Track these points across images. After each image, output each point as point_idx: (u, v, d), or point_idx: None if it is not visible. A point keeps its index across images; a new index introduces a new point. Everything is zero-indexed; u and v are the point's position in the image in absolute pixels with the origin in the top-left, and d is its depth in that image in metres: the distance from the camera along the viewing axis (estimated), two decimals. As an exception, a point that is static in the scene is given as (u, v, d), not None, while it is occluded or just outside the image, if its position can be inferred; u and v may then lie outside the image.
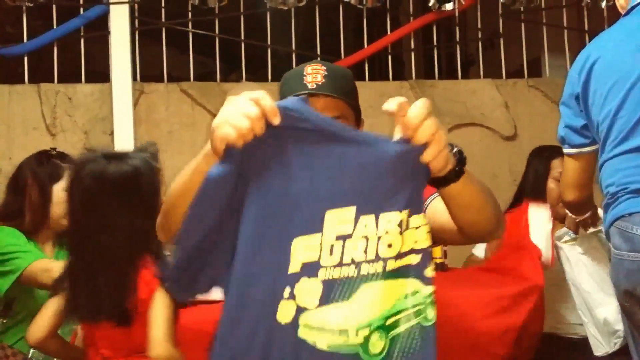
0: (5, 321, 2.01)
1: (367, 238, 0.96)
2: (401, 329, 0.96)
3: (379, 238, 0.96)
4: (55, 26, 3.36)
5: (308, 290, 0.95)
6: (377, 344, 0.95)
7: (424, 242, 0.98)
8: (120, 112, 3.22)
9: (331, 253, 0.96)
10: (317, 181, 0.97)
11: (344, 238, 0.96)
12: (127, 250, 1.48)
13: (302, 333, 0.95)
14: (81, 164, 1.51)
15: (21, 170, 2.16)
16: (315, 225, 0.96)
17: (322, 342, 0.95)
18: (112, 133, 3.25)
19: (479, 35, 4.00)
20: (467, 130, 3.60)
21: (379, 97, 3.58)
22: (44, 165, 2.17)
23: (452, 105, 3.62)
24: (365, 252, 0.96)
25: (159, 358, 1.43)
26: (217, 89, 3.45)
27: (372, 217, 0.96)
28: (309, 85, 1.41)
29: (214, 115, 3.48)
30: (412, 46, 3.95)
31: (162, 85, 3.43)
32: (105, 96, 3.29)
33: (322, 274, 0.96)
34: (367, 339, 0.95)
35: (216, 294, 1.14)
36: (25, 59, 3.34)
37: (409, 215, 0.97)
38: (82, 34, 3.41)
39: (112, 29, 3.27)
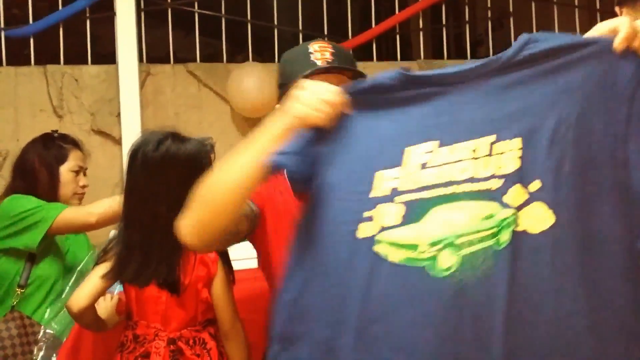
0: (23, 291, 2.06)
1: (444, 165, 1.05)
2: (473, 249, 1.00)
3: (453, 164, 1.04)
4: (60, 7, 3.35)
5: (387, 212, 1.07)
6: (447, 259, 1.01)
7: (508, 167, 1.00)
8: (126, 94, 3.21)
9: (408, 180, 1.07)
10: (401, 124, 1.12)
11: (422, 166, 1.07)
12: (170, 221, 1.54)
13: (377, 248, 1.06)
14: (146, 140, 1.60)
15: (27, 154, 2.20)
16: (395, 160, 1.09)
17: (395, 256, 1.05)
18: (118, 114, 3.24)
19: (489, 15, 3.95)
20: (476, 111, 3.58)
21: (387, 77, 3.56)
22: (49, 148, 2.21)
23: (461, 86, 3.59)
24: (439, 177, 1.05)
25: (232, 336, 1.60)
26: (223, 70, 3.43)
27: (447, 147, 1.06)
28: (319, 63, 1.40)
29: (221, 97, 3.47)
30: (421, 26, 3.91)
31: (168, 66, 3.42)
32: (112, 78, 3.28)
33: (401, 198, 1.06)
34: (436, 255, 1.02)
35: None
36: (32, 40, 3.33)
37: (494, 142, 1.03)
38: (87, 15, 3.40)
39: (117, 10, 3.26)
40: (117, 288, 1.91)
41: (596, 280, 0.98)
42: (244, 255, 1.89)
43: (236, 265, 1.88)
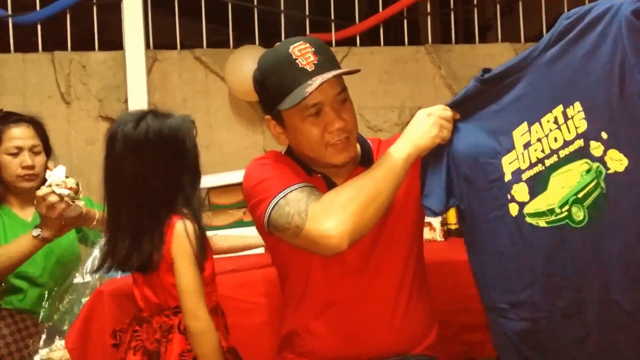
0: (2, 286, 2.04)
1: (539, 139, 1.30)
2: (590, 199, 1.24)
3: (546, 136, 1.29)
4: (67, -7, 3.35)
5: (520, 190, 1.34)
6: (578, 213, 1.26)
7: (581, 127, 1.23)
8: (134, 80, 3.21)
9: (524, 160, 1.33)
10: (499, 114, 1.39)
11: (526, 146, 1.33)
12: (158, 200, 1.52)
13: (528, 219, 1.34)
14: (123, 121, 1.57)
15: None
16: (510, 145, 1.36)
17: (542, 221, 1.32)
18: (126, 101, 3.25)
19: (497, -1, 3.93)
20: (484, 96, 3.56)
21: (394, 62, 3.54)
22: None
23: (469, 70, 3.56)
24: (543, 151, 1.30)
25: (189, 328, 1.48)
26: (230, 55, 3.42)
27: (537, 124, 1.31)
28: (308, 68, 1.39)
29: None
30: (429, 10, 3.88)
31: (175, 52, 3.42)
32: (119, 64, 3.29)
33: (524, 176, 1.33)
34: (569, 211, 1.27)
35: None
36: (39, 27, 3.33)
37: (563, 110, 1.26)
38: (94, 1, 3.40)
39: (124, -5, 3.25)
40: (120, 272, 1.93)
41: None
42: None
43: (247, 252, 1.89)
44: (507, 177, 1.37)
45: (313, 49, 1.42)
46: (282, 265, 1.55)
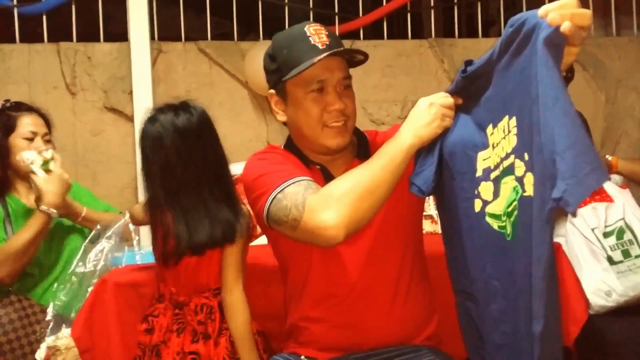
0: None
1: (494, 145, 1.29)
2: (514, 215, 1.23)
3: (500, 142, 1.26)
4: (73, -15, 3.36)
5: (487, 189, 1.33)
6: (509, 227, 1.26)
7: (512, 144, 1.21)
8: (138, 71, 3.23)
9: (493, 159, 1.30)
10: (480, 110, 1.36)
11: (493, 146, 1.30)
12: (199, 184, 1.60)
13: (487, 218, 1.32)
14: (153, 117, 1.63)
15: None
16: (486, 142, 1.32)
17: (495, 224, 1.31)
18: (131, 92, 3.27)
19: (501, -6, 3.93)
20: (487, 91, 3.56)
21: (397, 56, 3.55)
22: None
23: (472, 65, 3.57)
24: (498, 155, 1.27)
25: (224, 301, 1.60)
26: (234, 48, 3.44)
27: (495, 128, 1.28)
28: (320, 46, 1.42)
29: (232, 75, 3.48)
30: (432, 4, 3.89)
31: (179, 44, 3.43)
32: (124, 55, 3.30)
33: (492, 175, 1.30)
34: (505, 222, 1.27)
35: None
36: (44, 18, 3.35)
37: (508, 120, 1.22)
38: (99, -8, 3.41)
39: (129, -13, 3.26)
40: (124, 261, 1.96)
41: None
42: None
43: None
44: (478, 172, 1.35)
45: (327, 32, 1.46)
46: (283, 258, 1.57)
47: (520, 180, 1.18)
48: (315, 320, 1.50)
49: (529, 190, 1.15)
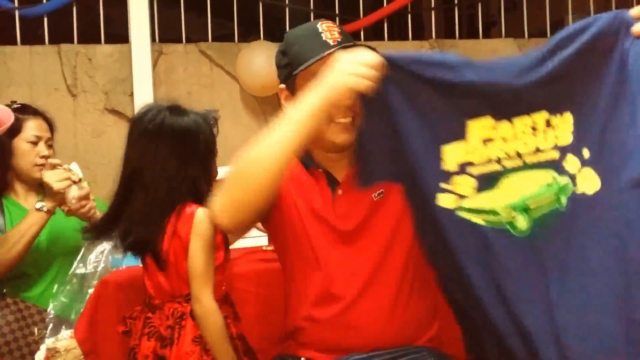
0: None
1: (504, 139, 1.19)
2: (541, 212, 1.18)
3: (515, 137, 1.18)
4: (73, -14, 3.36)
5: (464, 183, 1.22)
6: (522, 222, 1.18)
7: (564, 139, 1.16)
8: (139, 73, 3.23)
9: (480, 155, 1.20)
10: (456, 100, 1.21)
11: (486, 141, 1.19)
12: (166, 192, 1.57)
13: (461, 213, 1.22)
14: (144, 112, 1.62)
15: None
16: (459, 133, 1.21)
17: (479, 219, 1.21)
18: (132, 94, 3.27)
19: (501, -5, 3.93)
20: (487, 92, 3.56)
21: (398, 57, 3.55)
22: None
23: (473, 66, 3.58)
24: (505, 151, 1.19)
25: (194, 311, 1.54)
26: (235, 49, 3.44)
27: (505, 122, 1.19)
28: (331, 42, 1.41)
29: (233, 77, 3.46)
30: (433, 5, 3.89)
31: (180, 46, 3.43)
32: (125, 57, 3.30)
33: (474, 170, 1.21)
34: (513, 218, 1.19)
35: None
36: (45, 19, 3.35)
37: (548, 117, 1.17)
38: (100, -6, 3.42)
39: (130, -11, 3.27)
40: (124, 263, 1.96)
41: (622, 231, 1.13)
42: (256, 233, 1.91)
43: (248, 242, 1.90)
44: (448, 166, 1.23)
45: (339, 30, 1.46)
46: (284, 256, 1.57)
47: (572, 177, 1.15)
48: (315, 320, 1.50)
49: (584, 188, 1.14)
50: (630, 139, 1.10)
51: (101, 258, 1.99)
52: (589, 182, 1.13)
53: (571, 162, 1.15)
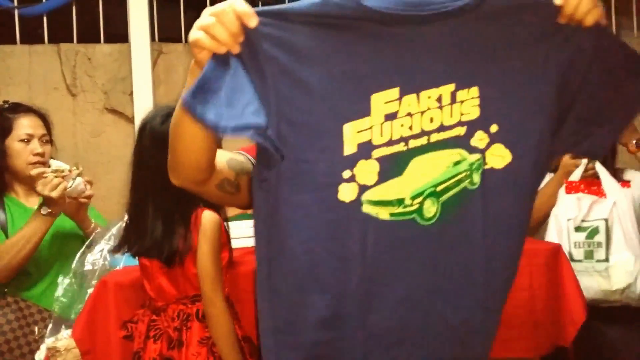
0: None
1: (411, 115, 1.04)
2: (450, 193, 1.07)
3: (421, 113, 1.04)
4: (73, -15, 3.36)
5: (366, 169, 1.04)
6: (430, 208, 1.07)
7: (471, 114, 1.06)
8: (139, 73, 3.23)
9: (381, 133, 1.03)
10: (357, 67, 1.01)
11: (391, 118, 1.03)
12: (178, 197, 1.56)
13: (366, 208, 1.05)
14: (154, 115, 1.63)
15: None
16: (363, 110, 1.02)
17: (384, 213, 1.06)
18: (131, 93, 3.27)
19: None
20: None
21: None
22: None
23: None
24: (411, 128, 1.04)
25: (206, 313, 1.55)
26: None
27: (413, 95, 1.03)
28: None
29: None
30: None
31: (180, 45, 3.43)
32: (124, 56, 3.30)
33: (376, 153, 1.04)
34: (421, 205, 1.06)
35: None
36: (45, 18, 3.35)
37: (454, 90, 1.05)
38: (100, -7, 3.42)
39: (129, -12, 3.27)
40: (122, 262, 1.96)
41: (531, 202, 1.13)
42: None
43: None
44: (350, 149, 1.03)
45: None
46: None
47: (482, 152, 1.07)
48: None
49: (493, 163, 1.07)
50: (539, 116, 1.07)
51: (100, 257, 2.00)
52: (499, 157, 1.08)
53: (480, 138, 1.07)
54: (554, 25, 1.05)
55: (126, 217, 1.69)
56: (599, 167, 2.21)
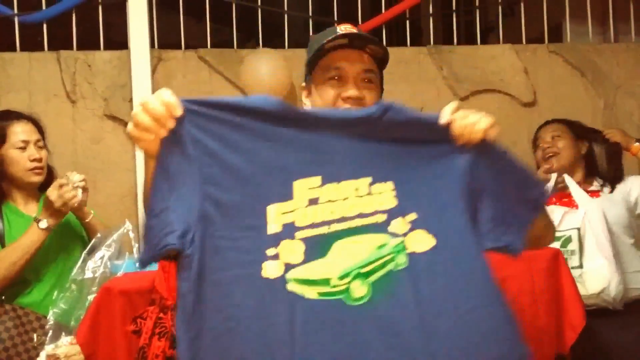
0: None
1: (332, 201, 1.12)
2: (378, 275, 1.12)
3: (342, 200, 1.13)
4: (73, -7, 3.37)
5: (291, 249, 1.09)
6: (359, 289, 1.10)
7: (389, 204, 1.15)
8: (138, 79, 3.24)
9: (305, 216, 1.11)
10: (281, 156, 1.12)
11: (313, 202, 1.12)
12: None
13: (291, 287, 1.08)
14: None
15: None
16: (286, 194, 1.11)
17: (311, 292, 1.08)
18: (131, 100, 3.27)
19: (499, 1, 3.94)
20: (486, 97, 3.57)
21: (396, 63, 3.56)
22: None
23: (471, 71, 3.59)
24: (332, 213, 1.12)
25: None
26: (234, 56, 3.45)
27: (334, 184, 1.13)
28: (343, 31, 1.42)
29: (232, 83, 3.47)
30: (431, 11, 3.90)
31: (179, 52, 3.44)
32: (124, 63, 3.31)
33: (300, 234, 1.11)
34: (348, 285, 1.10)
35: None
36: (45, 26, 3.36)
37: (371, 183, 1.15)
38: (100, 1, 3.42)
39: (129, -5, 3.27)
40: (123, 269, 1.96)
41: (469, 280, 1.16)
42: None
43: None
44: (274, 229, 1.09)
45: (357, 29, 1.47)
46: None
47: (402, 236, 1.14)
48: None
49: (414, 248, 1.14)
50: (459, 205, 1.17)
51: (100, 264, 2.00)
52: (420, 243, 1.15)
53: (399, 225, 1.15)
54: (446, 140, 1.18)
55: (127, 223, 1.69)
56: (568, 180, 2.35)
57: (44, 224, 2.03)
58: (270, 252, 1.08)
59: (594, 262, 2.13)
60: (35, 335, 2.04)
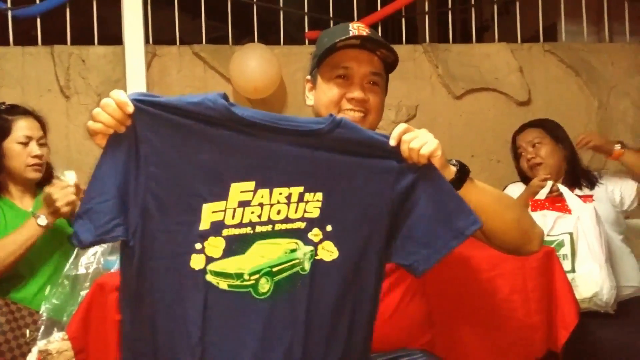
0: None
1: (262, 205, 1.22)
2: (284, 275, 1.25)
3: (271, 205, 1.23)
4: (67, -13, 3.36)
5: (215, 244, 1.21)
6: (265, 285, 1.24)
7: (312, 214, 1.25)
8: (133, 75, 3.23)
9: (233, 216, 1.21)
10: (220, 158, 1.20)
11: (244, 205, 1.21)
12: None
13: (208, 277, 1.21)
14: None
15: None
16: (222, 194, 1.20)
17: (224, 283, 1.22)
18: (125, 95, 3.26)
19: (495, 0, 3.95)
20: (481, 95, 3.58)
21: (392, 61, 3.57)
22: None
23: (466, 70, 3.60)
24: (260, 216, 1.22)
25: None
26: (229, 52, 3.44)
27: (267, 190, 1.22)
28: (356, 32, 1.44)
29: (226, 79, 3.46)
30: (426, 9, 3.90)
31: (174, 47, 3.43)
32: (118, 58, 3.30)
33: (226, 232, 1.21)
34: (257, 281, 1.23)
35: None
36: (39, 20, 3.34)
37: (302, 192, 1.24)
38: (94, -5, 3.41)
39: (124, -10, 3.26)
40: (116, 265, 1.96)
41: (357, 294, 1.30)
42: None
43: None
44: (204, 225, 1.20)
45: (370, 30, 1.47)
46: None
47: (315, 245, 1.26)
48: None
49: (322, 256, 1.26)
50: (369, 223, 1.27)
51: (93, 260, 1.99)
52: (328, 252, 1.26)
53: (315, 234, 1.25)
54: (394, 158, 1.27)
55: None
56: (562, 188, 2.37)
57: (43, 220, 2.02)
58: (198, 246, 1.20)
59: (586, 266, 2.15)
60: (27, 331, 2.03)
